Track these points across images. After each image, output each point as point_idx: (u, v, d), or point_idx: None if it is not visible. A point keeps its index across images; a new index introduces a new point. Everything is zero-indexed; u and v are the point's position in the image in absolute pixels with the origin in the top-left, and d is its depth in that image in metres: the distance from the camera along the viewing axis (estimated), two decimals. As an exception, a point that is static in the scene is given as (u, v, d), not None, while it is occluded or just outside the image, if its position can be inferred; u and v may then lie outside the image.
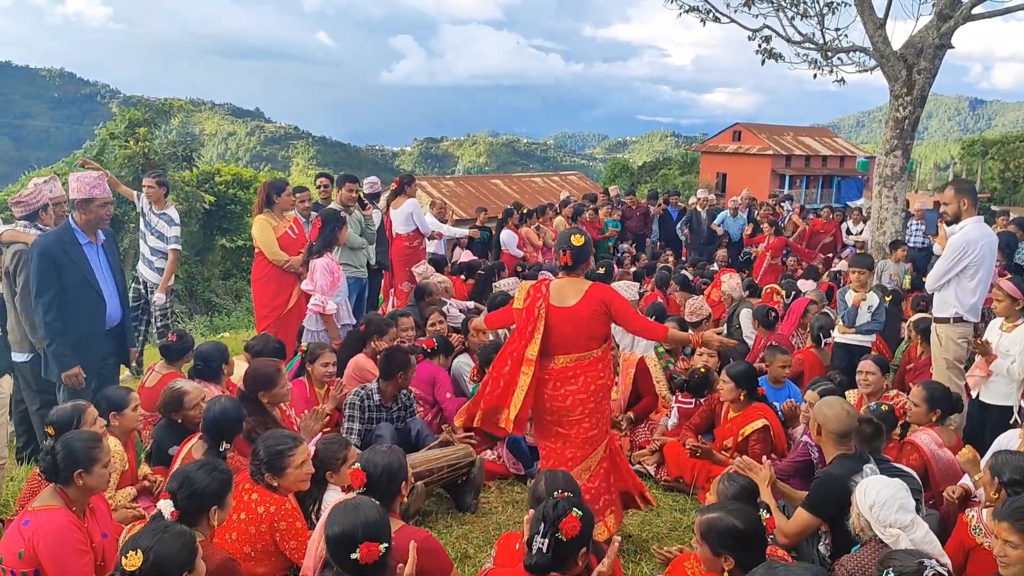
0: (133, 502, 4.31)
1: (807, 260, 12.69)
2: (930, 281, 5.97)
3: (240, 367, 5.68)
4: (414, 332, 6.75)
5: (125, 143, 25.20)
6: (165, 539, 2.65)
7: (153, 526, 2.79)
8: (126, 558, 2.57)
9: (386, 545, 2.89)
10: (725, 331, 8.91)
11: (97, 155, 26.58)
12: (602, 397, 4.53)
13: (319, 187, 8.91)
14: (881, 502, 3.42)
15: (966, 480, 4.40)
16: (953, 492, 4.31)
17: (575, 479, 3.80)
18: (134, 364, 6.51)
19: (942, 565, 2.93)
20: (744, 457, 4.55)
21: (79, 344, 5.08)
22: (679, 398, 6.28)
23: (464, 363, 6.60)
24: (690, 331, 6.86)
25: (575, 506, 2.99)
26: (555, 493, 3.10)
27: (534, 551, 2.93)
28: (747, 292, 9.44)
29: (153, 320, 7.79)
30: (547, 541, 2.91)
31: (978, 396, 5.55)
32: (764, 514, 3.20)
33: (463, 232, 12.10)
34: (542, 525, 2.93)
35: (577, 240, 4.44)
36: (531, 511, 3.08)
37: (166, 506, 3.12)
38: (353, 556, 2.81)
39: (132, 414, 4.45)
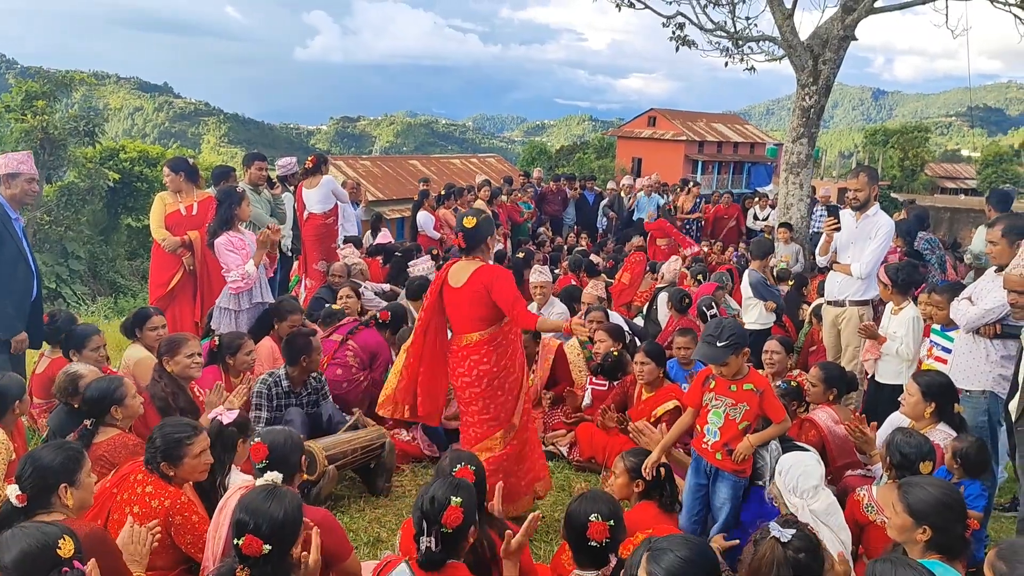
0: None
1: (684, 245, 12.27)
2: (868, 266, 6.09)
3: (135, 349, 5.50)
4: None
5: (22, 116, 23.97)
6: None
7: (51, 521, 2.60)
8: (59, 548, 2.42)
9: (270, 548, 2.69)
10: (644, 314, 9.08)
11: (-10, 128, 25.16)
12: (489, 383, 4.47)
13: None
14: (786, 469, 3.54)
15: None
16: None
17: (476, 457, 3.69)
18: None
19: (799, 532, 2.75)
20: (641, 421, 4.65)
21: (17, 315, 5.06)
22: (592, 380, 6.37)
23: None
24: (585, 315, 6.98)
25: (452, 492, 2.92)
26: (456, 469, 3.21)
27: (423, 549, 2.88)
28: (660, 275, 9.59)
29: None
30: (433, 538, 2.87)
31: (874, 376, 5.80)
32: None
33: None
34: (424, 524, 2.88)
35: (469, 222, 4.43)
36: None
37: (12, 491, 2.90)
38: (237, 542, 2.69)
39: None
